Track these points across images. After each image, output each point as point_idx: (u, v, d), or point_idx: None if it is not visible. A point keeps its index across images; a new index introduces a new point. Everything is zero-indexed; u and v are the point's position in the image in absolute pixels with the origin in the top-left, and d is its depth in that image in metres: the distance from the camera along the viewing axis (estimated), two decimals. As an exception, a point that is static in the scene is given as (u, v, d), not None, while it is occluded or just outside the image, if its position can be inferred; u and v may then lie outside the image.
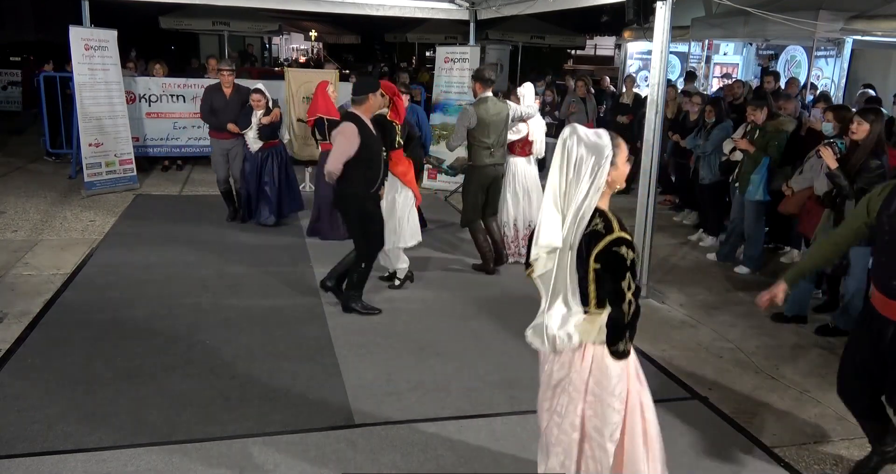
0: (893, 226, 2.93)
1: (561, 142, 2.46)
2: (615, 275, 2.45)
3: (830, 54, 10.41)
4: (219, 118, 7.25)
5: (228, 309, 5.14)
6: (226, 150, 7.42)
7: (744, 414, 3.94)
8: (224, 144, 7.39)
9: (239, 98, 7.27)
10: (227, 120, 7.19)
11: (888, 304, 2.98)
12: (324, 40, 26.81)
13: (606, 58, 31.88)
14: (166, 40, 21.70)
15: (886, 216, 2.96)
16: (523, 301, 5.57)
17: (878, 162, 4.66)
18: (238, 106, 7.21)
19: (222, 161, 7.47)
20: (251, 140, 7.14)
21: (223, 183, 7.56)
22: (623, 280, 2.44)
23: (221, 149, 7.43)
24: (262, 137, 7.11)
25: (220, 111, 7.28)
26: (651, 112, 5.57)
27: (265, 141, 7.16)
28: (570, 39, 19.37)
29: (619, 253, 2.42)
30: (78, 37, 8.25)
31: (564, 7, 7.60)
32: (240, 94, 7.31)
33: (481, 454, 3.45)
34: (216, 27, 16.71)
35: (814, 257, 3.42)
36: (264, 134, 7.13)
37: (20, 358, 4.25)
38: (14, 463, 3.21)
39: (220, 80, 7.47)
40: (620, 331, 2.50)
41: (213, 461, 3.29)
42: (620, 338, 2.51)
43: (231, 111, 7.23)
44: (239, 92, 7.35)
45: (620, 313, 2.48)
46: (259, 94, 7.00)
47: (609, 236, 2.43)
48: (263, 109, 7.04)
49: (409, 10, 9.49)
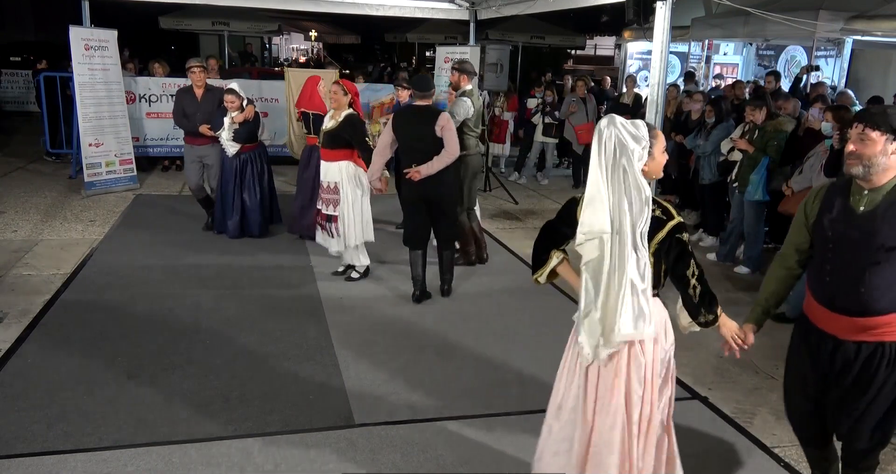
0: (837, 230, 2.61)
1: (598, 131, 2.48)
2: (682, 259, 2.57)
3: (830, 54, 10.42)
4: (191, 121, 6.77)
5: (228, 309, 5.14)
6: (200, 157, 6.89)
7: (744, 414, 3.94)
8: (199, 150, 6.87)
9: (212, 99, 6.81)
10: (200, 124, 6.70)
11: (831, 318, 2.66)
12: (324, 40, 26.82)
13: (606, 58, 31.90)
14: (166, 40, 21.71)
15: (829, 220, 2.64)
16: (523, 301, 5.58)
17: None
18: (211, 107, 6.74)
19: (196, 168, 6.95)
20: (226, 143, 6.59)
21: (198, 190, 7.04)
22: (689, 266, 2.58)
23: (196, 156, 6.90)
24: (237, 139, 6.56)
25: (192, 114, 6.80)
26: (651, 112, 5.57)
27: (242, 143, 6.61)
28: (570, 39, 19.37)
29: (682, 238, 2.56)
30: (78, 37, 8.25)
31: (564, 7, 7.61)
32: (213, 95, 6.85)
33: (481, 454, 3.45)
34: (216, 27, 16.72)
35: (769, 290, 2.97)
36: (240, 135, 6.57)
37: (20, 358, 4.25)
38: (14, 463, 3.21)
39: (190, 78, 6.97)
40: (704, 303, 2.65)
41: (213, 461, 3.30)
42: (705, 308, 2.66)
43: (204, 113, 6.76)
44: (212, 93, 6.91)
45: (688, 296, 2.64)
46: (233, 95, 6.46)
47: (671, 222, 2.54)
48: (238, 111, 6.53)
49: (409, 10, 9.50)
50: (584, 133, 9.96)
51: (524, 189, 10.06)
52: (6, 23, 19.84)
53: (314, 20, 23.17)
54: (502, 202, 9.13)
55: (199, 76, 6.89)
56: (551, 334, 4.87)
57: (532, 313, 5.31)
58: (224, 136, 6.55)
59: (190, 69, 6.94)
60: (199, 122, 6.69)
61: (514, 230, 7.83)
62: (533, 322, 5.13)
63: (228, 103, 6.48)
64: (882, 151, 2.49)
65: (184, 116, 6.84)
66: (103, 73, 8.54)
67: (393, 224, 7.44)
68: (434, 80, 10.27)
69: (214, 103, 6.74)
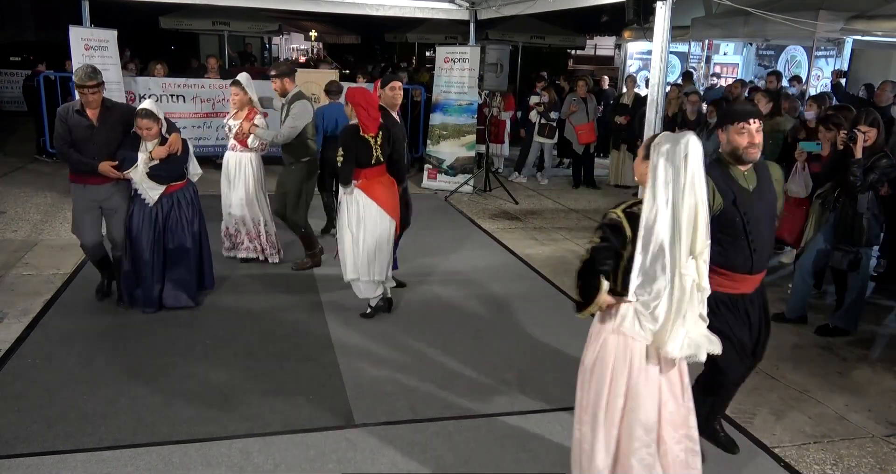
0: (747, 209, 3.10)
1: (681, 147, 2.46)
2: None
3: (830, 54, 10.43)
4: (84, 153, 4.72)
5: (228, 308, 5.14)
6: (96, 202, 4.88)
7: (744, 414, 3.94)
8: (94, 192, 4.84)
9: (114, 122, 4.80)
10: (97, 156, 4.72)
11: (746, 280, 3.17)
12: (324, 40, 26.81)
13: (606, 58, 31.87)
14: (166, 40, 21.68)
15: (735, 203, 3.08)
16: (524, 301, 5.57)
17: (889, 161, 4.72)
18: (113, 135, 4.76)
19: (92, 218, 4.93)
20: (143, 186, 4.78)
21: (94, 248, 5.01)
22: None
23: (89, 201, 4.87)
24: (159, 179, 4.79)
25: (85, 143, 4.72)
26: (651, 112, 5.57)
27: (167, 183, 4.85)
28: (570, 39, 19.36)
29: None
30: (78, 37, 8.24)
31: (564, 7, 7.60)
32: (115, 117, 4.82)
33: (481, 454, 3.45)
34: (216, 27, 16.72)
35: None
36: (163, 175, 4.80)
37: (20, 358, 4.25)
38: (14, 463, 3.21)
39: (79, 98, 4.73)
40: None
41: (213, 461, 3.30)
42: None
43: (102, 144, 4.73)
44: (112, 114, 4.81)
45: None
46: (149, 120, 4.67)
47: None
48: (157, 139, 4.78)
49: (409, 10, 9.49)
50: (584, 133, 9.97)
51: (524, 189, 10.06)
52: (6, 23, 19.82)
53: (314, 20, 23.16)
54: (502, 202, 9.13)
55: (92, 99, 4.70)
56: (551, 334, 4.88)
57: (532, 313, 5.31)
58: (136, 176, 4.77)
59: (80, 89, 4.67)
60: (98, 156, 4.73)
61: (514, 230, 7.83)
62: (533, 322, 5.13)
63: (144, 130, 4.72)
64: None
65: (70, 146, 4.74)
66: (103, 74, 8.50)
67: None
68: (434, 80, 10.32)
69: (118, 128, 4.81)
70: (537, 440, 3.58)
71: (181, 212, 4.95)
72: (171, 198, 4.92)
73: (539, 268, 6.44)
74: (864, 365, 4.68)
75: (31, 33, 20.28)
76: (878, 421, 3.93)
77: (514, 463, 3.39)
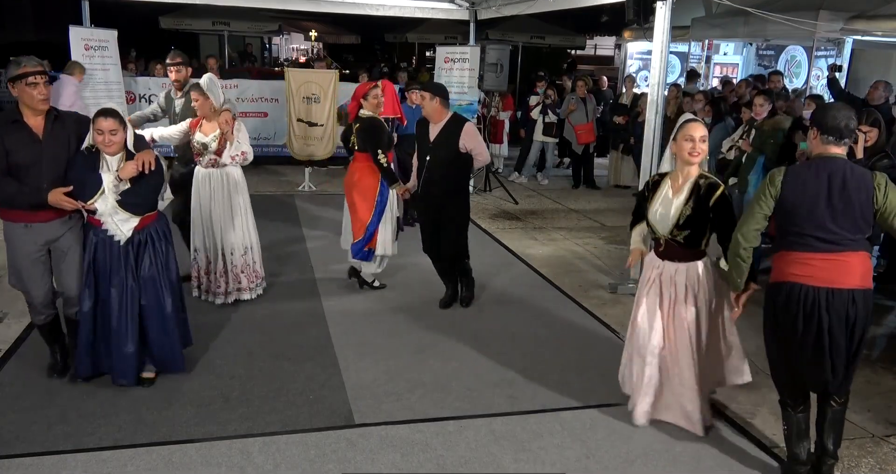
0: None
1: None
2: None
3: (830, 54, 10.42)
4: (27, 181, 3.54)
5: (228, 309, 5.14)
6: (44, 245, 3.71)
7: (744, 414, 3.94)
8: (41, 232, 3.66)
9: (65, 136, 3.64)
10: (45, 183, 3.54)
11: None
12: (324, 40, 26.79)
13: (606, 58, 31.87)
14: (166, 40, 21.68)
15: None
16: (523, 301, 5.58)
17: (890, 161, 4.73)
18: (64, 153, 3.61)
19: (41, 266, 3.75)
20: (113, 219, 3.63)
21: (43, 307, 3.87)
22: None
23: (35, 244, 3.68)
24: (131, 208, 3.64)
25: (29, 167, 3.54)
26: (651, 112, 5.58)
27: (142, 213, 3.70)
28: (570, 39, 19.36)
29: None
30: (78, 37, 8.25)
31: (564, 7, 7.60)
32: (67, 130, 3.66)
33: (481, 454, 3.45)
34: (216, 27, 16.72)
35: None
36: (135, 202, 3.65)
37: (20, 358, 4.26)
38: (14, 463, 3.21)
39: (18, 97, 3.53)
40: None
41: (213, 461, 3.30)
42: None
43: (51, 166, 3.57)
44: (64, 125, 3.66)
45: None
46: (114, 120, 3.59)
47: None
48: (121, 153, 3.66)
49: (409, 10, 9.49)
50: (583, 133, 9.97)
51: (524, 189, 10.05)
52: (6, 23, 19.83)
53: (314, 20, 23.15)
54: (502, 202, 9.13)
55: (37, 94, 3.52)
56: (551, 334, 4.87)
57: (532, 313, 5.31)
58: (106, 208, 3.60)
59: (24, 78, 3.47)
60: (46, 183, 3.54)
61: (513, 230, 7.83)
62: (533, 322, 5.13)
63: (104, 136, 3.58)
64: None
65: (8, 174, 3.52)
66: (103, 73, 8.54)
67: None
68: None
69: (71, 144, 3.65)
70: (537, 440, 3.58)
71: (155, 252, 3.79)
72: (143, 233, 3.74)
73: (539, 267, 6.44)
74: (864, 365, 4.67)
75: (31, 33, 20.28)
76: (878, 421, 3.93)
77: (514, 463, 3.39)
